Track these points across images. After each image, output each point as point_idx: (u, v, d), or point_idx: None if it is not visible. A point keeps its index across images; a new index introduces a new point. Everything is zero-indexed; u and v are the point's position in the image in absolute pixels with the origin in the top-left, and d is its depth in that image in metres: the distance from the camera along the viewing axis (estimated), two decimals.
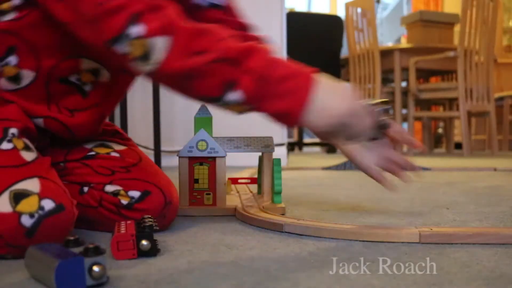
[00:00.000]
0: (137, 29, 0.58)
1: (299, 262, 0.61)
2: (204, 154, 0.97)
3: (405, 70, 3.57)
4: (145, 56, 0.59)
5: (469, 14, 3.13)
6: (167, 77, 0.61)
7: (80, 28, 0.63)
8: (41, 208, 0.61)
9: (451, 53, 3.25)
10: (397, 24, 4.63)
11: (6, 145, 0.66)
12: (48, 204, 0.61)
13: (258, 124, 2.53)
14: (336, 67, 4.06)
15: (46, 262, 0.50)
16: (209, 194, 0.97)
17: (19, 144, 0.67)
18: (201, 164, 0.97)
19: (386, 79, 3.95)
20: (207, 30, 0.60)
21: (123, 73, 0.83)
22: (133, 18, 0.58)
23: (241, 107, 0.62)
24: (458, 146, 4.43)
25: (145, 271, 0.57)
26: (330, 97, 0.61)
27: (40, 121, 0.75)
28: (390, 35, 5.90)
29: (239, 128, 1.88)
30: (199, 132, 0.98)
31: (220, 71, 0.58)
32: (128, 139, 0.89)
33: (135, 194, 0.76)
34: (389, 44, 4.01)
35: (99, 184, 0.78)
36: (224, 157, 0.97)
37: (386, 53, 3.55)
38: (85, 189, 0.79)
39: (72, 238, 0.52)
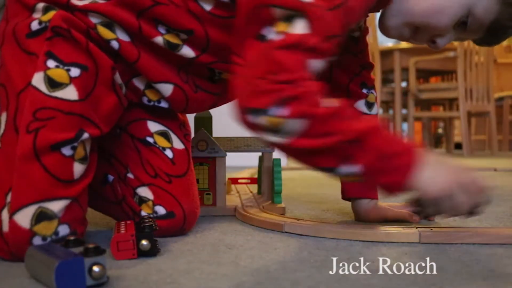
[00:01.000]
0: (279, 111, 0.60)
1: (299, 262, 0.61)
2: (204, 154, 0.96)
3: (405, 70, 3.56)
4: (275, 131, 0.62)
5: None
6: (291, 150, 0.65)
7: (241, 75, 0.64)
8: (55, 233, 0.62)
9: (451, 53, 3.24)
10: None
11: (67, 151, 0.65)
12: (63, 230, 0.63)
13: None
14: None
15: (46, 262, 0.50)
16: (209, 194, 0.97)
17: (79, 153, 0.66)
18: (201, 164, 0.97)
19: (386, 79, 3.95)
20: (335, 113, 0.63)
21: None
22: (280, 101, 0.60)
23: (353, 178, 0.66)
24: (458, 146, 4.43)
25: (145, 271, 0.57)
26: (436, 169, 0.65)
27: (169, 88, 0.77)
28: None
29: (239, 128, 1.87)
30: (199, 132, 0.98)
31: (341, 149, 0.62)
32: (189, 134, 0.88)
33: (161, 211, 0.75)
34: (389, 44, 4.01)
35: (135, 180, 0.76)
36: (224, 157, 0.97)
37: (386, 53, 3.55)
38: (110, 178, 0.77)
39: (72, 238, 0.52)
